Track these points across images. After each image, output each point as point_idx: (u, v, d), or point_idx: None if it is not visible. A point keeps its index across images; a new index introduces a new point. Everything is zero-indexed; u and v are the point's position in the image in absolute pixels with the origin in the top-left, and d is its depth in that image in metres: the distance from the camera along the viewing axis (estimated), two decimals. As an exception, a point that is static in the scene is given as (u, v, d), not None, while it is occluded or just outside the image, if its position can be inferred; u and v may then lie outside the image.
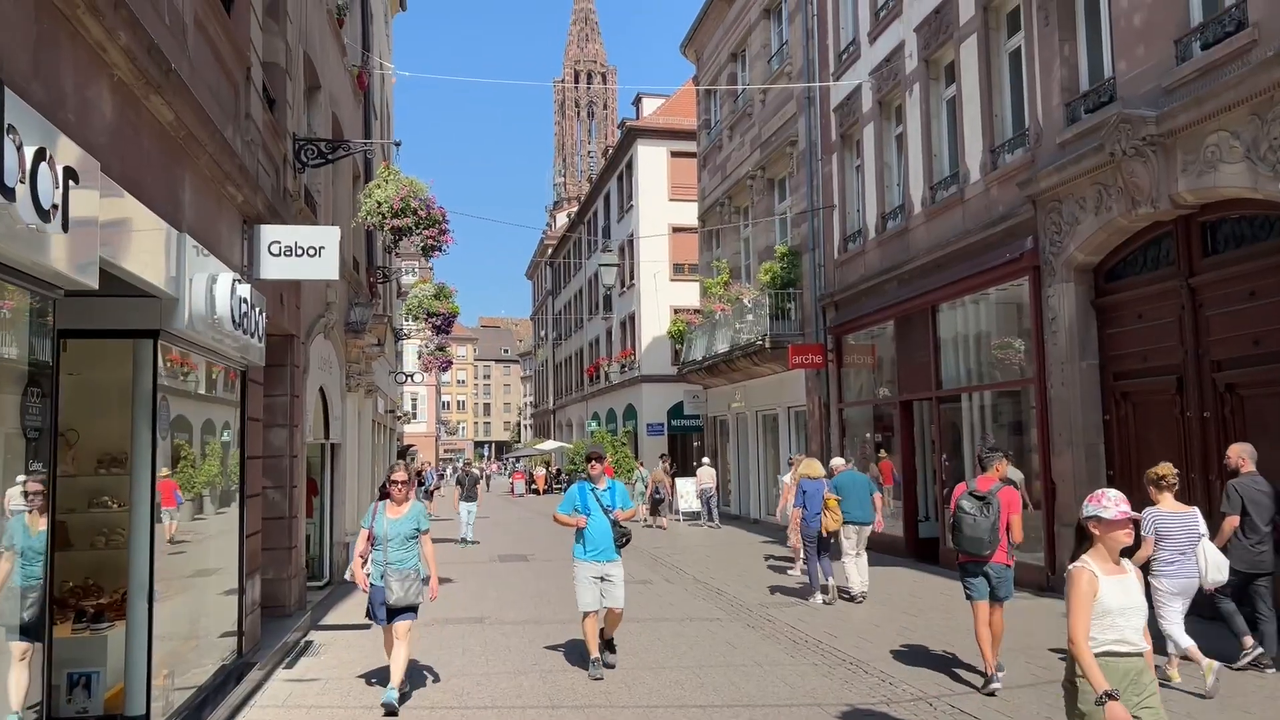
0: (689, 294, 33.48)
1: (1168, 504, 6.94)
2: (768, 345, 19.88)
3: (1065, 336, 11.29)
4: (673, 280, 35.67)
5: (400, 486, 7.23)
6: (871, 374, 17.75)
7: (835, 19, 18.51)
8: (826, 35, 18.85)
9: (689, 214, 35.66)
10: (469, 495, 19.15)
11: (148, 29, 4.53)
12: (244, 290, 6.15)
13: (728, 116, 24.88)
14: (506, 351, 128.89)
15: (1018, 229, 12.25)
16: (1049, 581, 11.11)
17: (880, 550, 14.37)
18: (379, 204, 9.76)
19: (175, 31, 5.35)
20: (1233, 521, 7.10)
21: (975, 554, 7.15)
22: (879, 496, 12.19)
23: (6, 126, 3.29)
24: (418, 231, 9.84)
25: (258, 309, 6.88)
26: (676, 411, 34.77)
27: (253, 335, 6.61)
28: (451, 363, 25.37)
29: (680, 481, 24.29)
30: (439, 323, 16.54)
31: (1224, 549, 7.00)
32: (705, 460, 27.21)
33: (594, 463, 8.44)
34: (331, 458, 13.20)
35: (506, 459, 77.98)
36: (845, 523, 11.36)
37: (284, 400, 9.27)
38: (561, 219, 61.81)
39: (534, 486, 46.43)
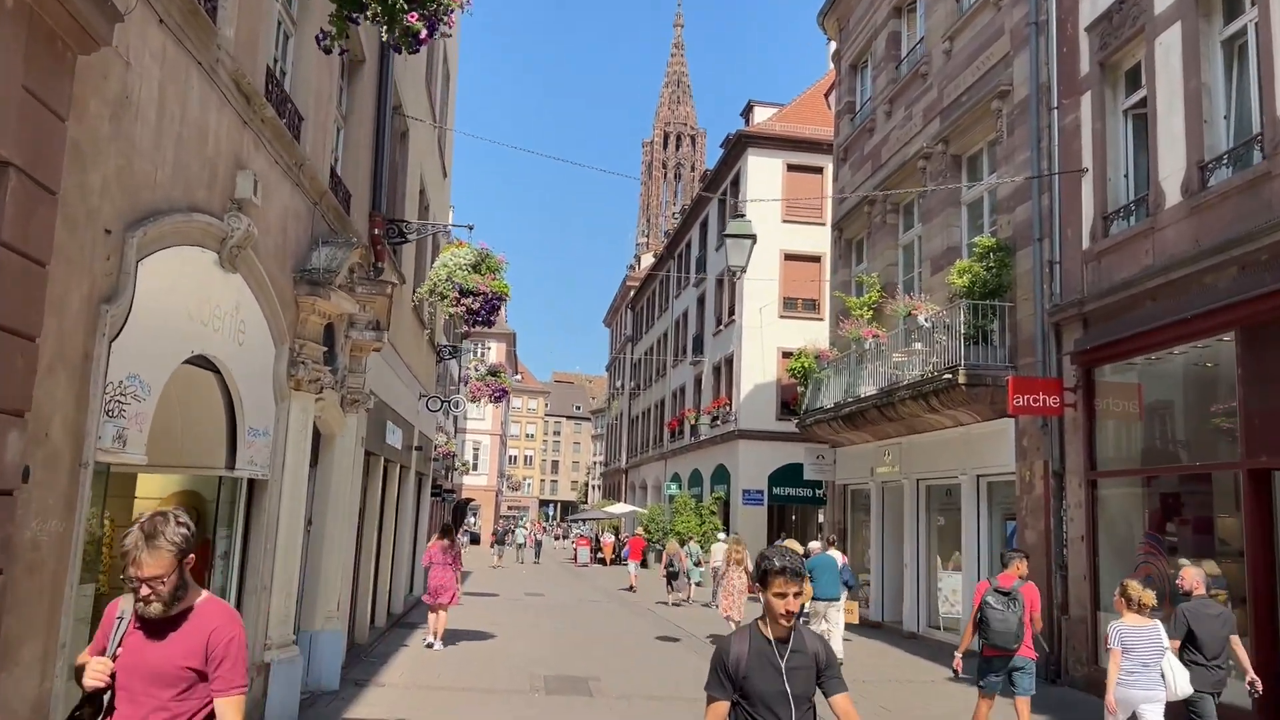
0: (801, 334, 27.19)
1: (1131, 618, 6.88)
2: (961, 381, 13.45)
3: None
4: (782, 317, 29.55)
5: None
6: (1152, 426, 11.20)
7: (1091, -102, 12.40)
8: (1072, -73, 12.76)
9: (805, 239, 29.76)
10: None
11: None
12: None
13: (885, 89, 18.85)
14: (578, 408, 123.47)
15: None
16: None
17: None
18: None
19: None
20: (1175, 645, 6.99)
21: (1004, 647, 7.74)
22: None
23: None
24: None
25: None
26: (782, 477, 28.28)
27: None
28: (507, 392, 19.44)
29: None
30: (477, 305, 10.60)
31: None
32: (721, 536, 23.32)
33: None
34: (248, 505, 7.22)
35: (568, 521, 71.71)
36: (814, 599, 12.95)
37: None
38: (647, 259, 56.32)
39: (600, 555, 40.02)
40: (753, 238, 11.38)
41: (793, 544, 13.86)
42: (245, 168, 6.21)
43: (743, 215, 11.45)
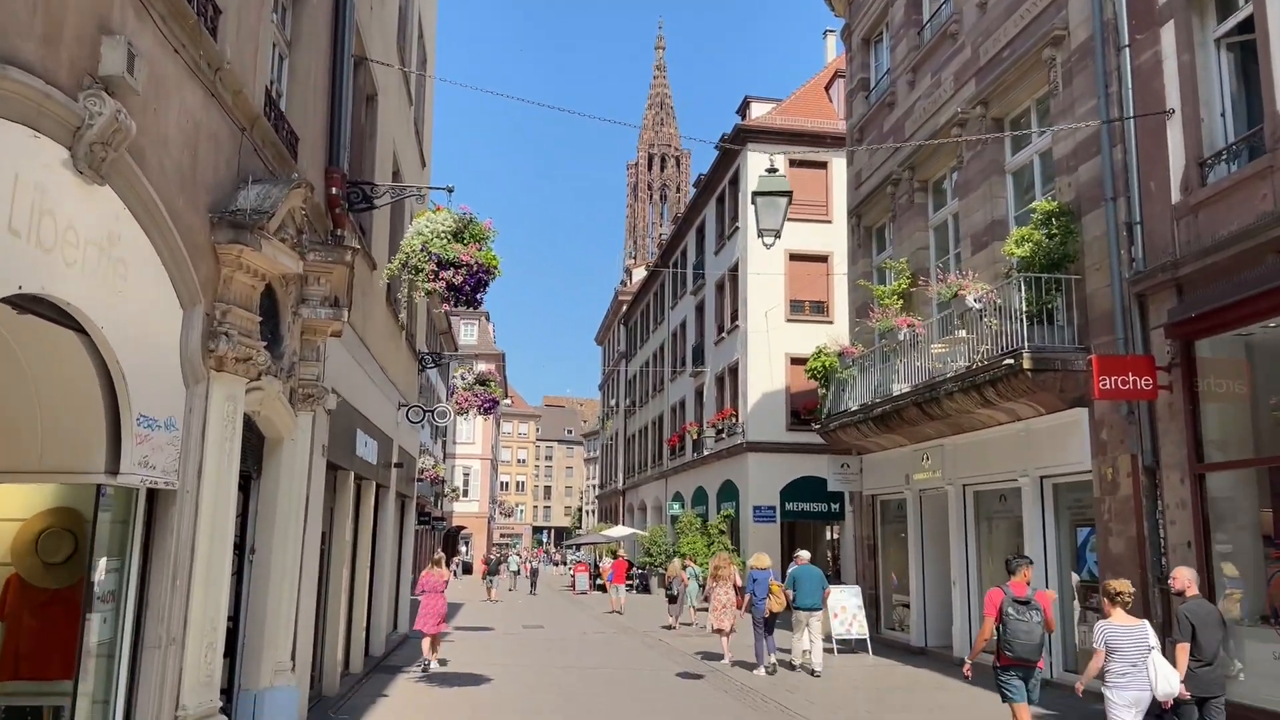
0: (810, 338, 25.32)
1: (1119, 617, 6.89)
2: (1026, 366, 11.61)
3: None
4: (789, 320, 27.73)
5: None
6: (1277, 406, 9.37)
7: None
8: None
9: (811, 237, 28.01)
10: None
11: None
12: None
13: (905, 58, 17.16)
14: (570, 432, 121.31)
15: None
16: None
17: None
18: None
19: None
20: (1185, 648, 6.95)
21: (1028, 659, 7.59)
22: (828, 590, 14.17)
23: None
24: None
25: None
26: (795, 492, 26.37)
27: None
28: (497, 402, 17.51)
29: (837, 592, 15.69)
30: (460, 279, 8.73)
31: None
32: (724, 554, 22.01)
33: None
34: (147, 526, 5.26)
35: (564, 547, 69.35)
36: (797, 608, 13.58)
37: None
38: (639, 274, 54.57)
39: (599, 581, 37.86)
40: (788, 195, 9.55)
41: (762, 556, 14.54)
42: (114, 33, 4.31)
43: (775, 170, 9.59)
